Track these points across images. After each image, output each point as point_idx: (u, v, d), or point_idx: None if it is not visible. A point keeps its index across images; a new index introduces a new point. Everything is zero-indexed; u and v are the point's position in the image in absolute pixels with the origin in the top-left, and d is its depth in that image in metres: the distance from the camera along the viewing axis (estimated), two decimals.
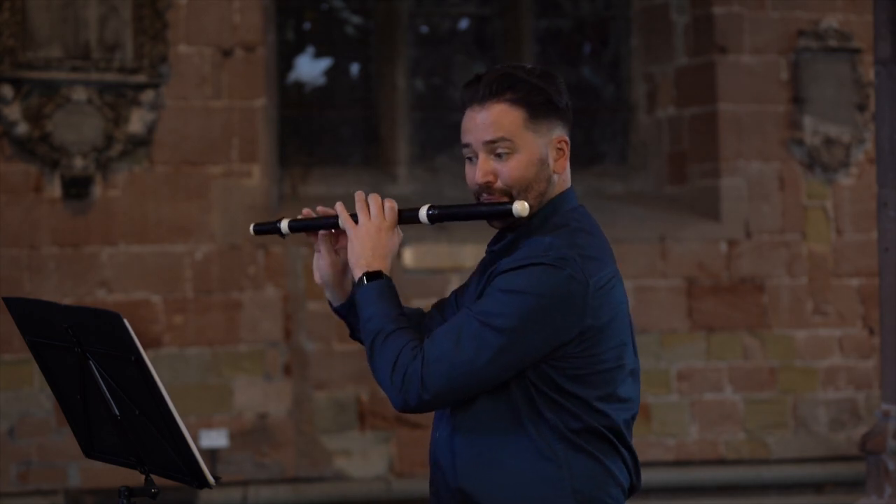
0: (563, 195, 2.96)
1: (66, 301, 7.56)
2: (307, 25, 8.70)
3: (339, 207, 2.97)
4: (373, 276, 2.89)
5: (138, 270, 7.69)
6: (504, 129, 2.88)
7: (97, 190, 7.64)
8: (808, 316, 8.41)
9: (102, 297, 7.64)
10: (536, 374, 2.82)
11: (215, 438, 7.71)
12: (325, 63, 8.69)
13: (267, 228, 3.04)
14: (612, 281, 2.86)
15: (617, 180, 8.76)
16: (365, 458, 7.94)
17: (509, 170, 2.89)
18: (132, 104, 7.64)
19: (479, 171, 2.90)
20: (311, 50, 8.67)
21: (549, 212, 2.92)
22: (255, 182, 7.86)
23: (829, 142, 8.43)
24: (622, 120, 8.87)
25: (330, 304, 3.10)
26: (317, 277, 3.07)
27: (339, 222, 2.96)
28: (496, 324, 2.77)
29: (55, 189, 7.60)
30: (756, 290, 8.38)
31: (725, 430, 8.31)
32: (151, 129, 7.69)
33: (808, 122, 8.42)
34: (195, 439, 7.62)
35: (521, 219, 2.88)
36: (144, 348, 7.96)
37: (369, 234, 2.90)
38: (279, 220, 3.02)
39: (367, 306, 2.88)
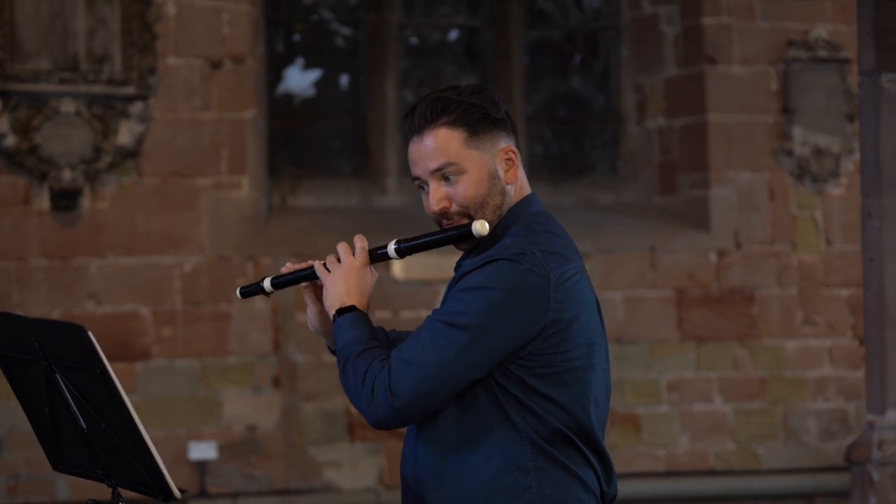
0: (523, 202, 2.95)
1: (55, 313, 7.56)
2: (296, 37, 8.71)
3: (316, 264, 2.98)
4: (344, 310, 2.90)
5: (127, 282, 7.69)
6: (447, 153, 2.88)
7: (86, 202, 7.64)
8: (797, 326, 8.41)
9: (91, 310, 7.63)
10: (503, 375, 2.80)
11: (204, 450, 7.70)
12: (314, 74, 8.70)
13: (252, 290, 3.09)
14: (576, 276, 2.85)
15: (607, 191, 8.76)
16: (355, 469, 7.93)
17: (461, 191, 2.89)
18: (121, 116, 7.64)
19: (433, 199, 2.90)
20: (300, 61, 8.67)
21: (509, 221, 2.92)
22: (244, 194, 7.87)
23: (818, 152, 8.43)
24: (612, 130, 8.87)
25: (329, 349, 3.11)
26: (310, 327, 3.09)
27: (316, 273, 2.98)
28: (459, 322, 2.76)
29: (44, 201, 7.60)
30: (746, 300, 8.38)
31: (715, 441, 8.30)
32: (140, 140, 7.69)
33: (797, 132, 8.42)
34: (184, 451, 7.64)
35: (482, 238, 2.88)
36: (133, 360, 7.92)
37: (341, 276, 2.93)
38: (262, 280, 3.06)
39: (340, 337, 2.89)
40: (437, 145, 2.88)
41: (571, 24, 8.96)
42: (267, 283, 3.05)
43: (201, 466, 7.71)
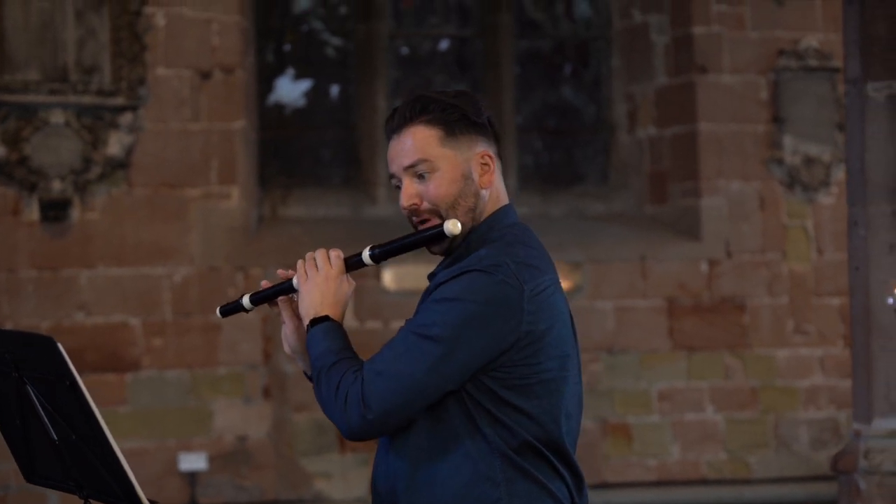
0: (501, 212, 2.95)
1: (45, 324, 7.56)
2: (287, 47, 8.71)
3: (299, 263, 2.97)
4: (319, 320, 2.89)
5: (117, 293, 7.68)
6: (421, 150, 2.88)
7: (75, 213, 7.64)
8: (788, 335, 8.40)
9: (81, 320, 7.62)
10: (474, 387, 2.79)
11: (194, 461, 7.70)
12: (305, 85, 8.70)
13: (232, 308, 3.06)
14: (549, 288, 2.84)
15: (598, 200, 8.76)
16: (345, 480, 7.92)
17: (432, 189, 2.88)
18: (110, 127, 7.64)
19: (404, 195, 2.89)
20: (290, 72, 8.68)
21: (485, 229, 2.91)
22: (234, 204, 7.86)
23: (809, 161, 8.43)
24: (603, 140, 8.87)
25: (305, 374, 3.07)
26: (286, 347, 3.04)
27: (294, 281, 2.96)
28: (433, 333, 2.74)
29: (33, 212, 7.59)
30: (737, 309, 8.37)
31: (707, 450, 8.29)
32: (130, 151, 7.69)
33: (788, 141, 8.42)
34: (174, 462, 7.63)
35: (455, 238, 2.87)
36: (123, 371, 7.87)
37: (317, 284, 2.91)
38: (241, 297, 3.04)
39: (313, 348, 2.87)
40: (413, 142, 2.88)
41: (562, 33, 8.97)
42: (246, 300, 3.02)
43: (191, 477, 7.71)
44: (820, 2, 8.49)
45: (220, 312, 3.08)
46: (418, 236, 2.89)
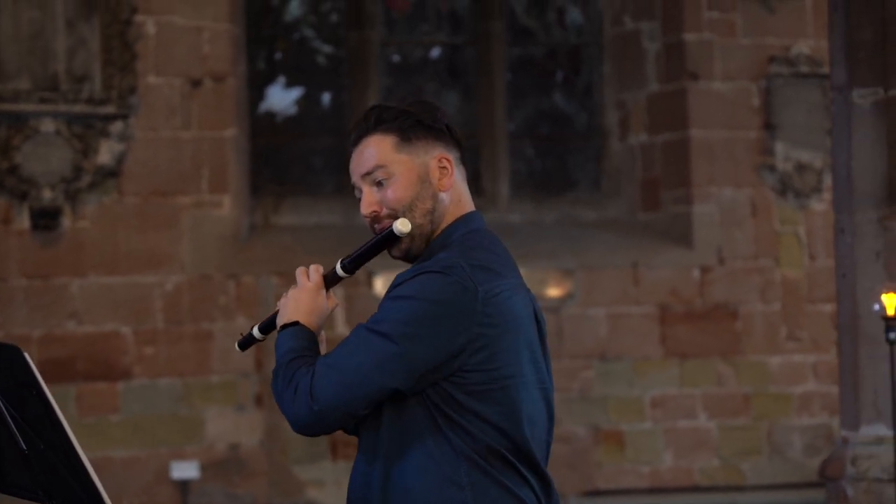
0: (464, 218, 2.96)
1: (36, 333, 7.56)
2: (278, 55, 8.71)
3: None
4: (288, 325, 2.92)
5: (108, 301, 7.68)
6: (378, 157, 2.90)
7: (66, 221, 7.64)
8: (781, 342, 8.39)
9: (72, 329, 7.62)
10: (436, 393, 2.80)
11: (186, 470, 7.69)
12: (296, 92, 8.70)
13: (246, 340, 3.11)
14: (507, 292, 2.84)
15: (590, 207, 8.76)
16: (338, 487, 7.92)
17: (390, 193, 2.90)
18: (101, 135, 7.64)
19: (363, 203, 2.92)
20: (282, 79, 8.68)
21: (447, 234, 2.93)
22: (225, 212, 7.87)
23: (800, 167, 8.43)
24: (595, 147, 8.87)
25: None
26: None
27: None
28: (382, 329, 2.76)
29: (24, 221, 7.59)
30: (729, 316, 8.37)
31: (700, 457, 8.28)
32: (120, 160, 7.69)
33: (779, 147, 8.42)
34: (166, 471, 7.62)
35: (413, 240, 2.88)
36: (115, 380, 7.86)
37: (292, 297, 2.94)
38: (252, 329, 3.09)
39: (278, 349, 2.90)
40: (371, 150, 2.91)
41: (553, 40, 8.97)
42: (256, 331, 3.07)
43: (183, 486, 7.70)
44: (811, 9, 8.50)
45: (239, 346, 3.12)
46: (374, 240, 2.92)
